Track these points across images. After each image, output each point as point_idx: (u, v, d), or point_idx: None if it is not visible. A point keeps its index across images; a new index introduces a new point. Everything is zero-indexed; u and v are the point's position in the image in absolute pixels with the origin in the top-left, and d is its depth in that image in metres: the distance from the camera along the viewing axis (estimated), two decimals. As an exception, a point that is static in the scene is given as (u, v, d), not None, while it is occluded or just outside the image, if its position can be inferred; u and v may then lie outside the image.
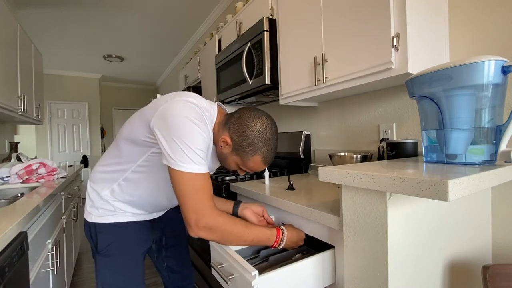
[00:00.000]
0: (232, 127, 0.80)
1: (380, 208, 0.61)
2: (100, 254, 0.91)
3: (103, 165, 0.92)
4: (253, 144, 0.78)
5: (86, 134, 5.40)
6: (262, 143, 0.79)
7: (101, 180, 0.91)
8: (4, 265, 0.73)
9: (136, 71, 5.35)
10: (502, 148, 0.64)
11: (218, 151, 0.86)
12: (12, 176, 1.65)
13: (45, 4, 2.80)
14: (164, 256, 1.13)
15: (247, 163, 0.82)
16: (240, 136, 0.79)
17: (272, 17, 1.50)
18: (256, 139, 0.78)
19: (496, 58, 0.61)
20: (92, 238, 0.92)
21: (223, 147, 0.82)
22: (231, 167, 0.87)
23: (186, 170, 0.71)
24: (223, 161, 0.88)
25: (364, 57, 0.98)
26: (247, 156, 0.80)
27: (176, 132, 0.70)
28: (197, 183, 0.72)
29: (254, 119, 0.79)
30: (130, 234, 0.94)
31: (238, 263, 0.71)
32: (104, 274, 0.91)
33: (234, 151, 0.81)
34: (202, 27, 3.41)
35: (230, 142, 0.80)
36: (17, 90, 2.07)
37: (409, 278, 0.65)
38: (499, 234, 0.91)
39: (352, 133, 1.44)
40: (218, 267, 0.82)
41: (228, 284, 0.75)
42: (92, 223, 0.90)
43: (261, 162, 0.82)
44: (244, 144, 0.79)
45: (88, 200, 0.92)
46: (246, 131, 0.78)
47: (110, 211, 0.90)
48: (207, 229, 0.72)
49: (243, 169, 0.86)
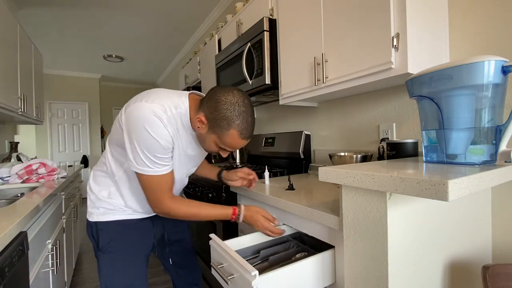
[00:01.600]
0: (205, 106, 0.81)
1: (380, 208, 0.61)
2: (101, 252, 0.92)
3: (99, 167, 0.96)
4: (226, 117, 0.78)
5: (86, 134, 5.39)
6: (236, 115, 0.78)
7: (98, 181, 0.95)
8: (4, 265, 0.72)
9: (136, 71, 5.35)
10: (502, 148, 0.64)
11: (197, 134, 0.88)
12: (12, 176, 1.65)
13: (45, 4, 2.80)
14: (168, 253, 1.15)
15: (225, 139, 0.81)
16: (212, 112, 0.79)
17: (272, 17, 1.50)
18: (229, 112, 0.78)
19: (496, 58, 0.60)
20: (94, 237, 0.94)
21: (200, 127, 0.83)
22: (212, 148, 0.88)
23: (142, 172, 0.82)
24: (203, 143, 0.89)
25: (364, 57, 0.98)
26: (223, 132, 0.80)
27: (135, 137, 0.78)
28: (152, 182, 0.84)
29: (225, 93, 0.79)
30: (131, 231, 0.95)
31: (238, 263, 0.71)
32: (106, 271, 0.92)
33: (210, 129, 0.82)
34: (202, 27, 3.41)
35: (205, 120, 0.81)
36: (17, 90, 2.07)
37: (409, 278, 0.65)
38: (499, 234, 0.91)
39: (352, 133, 1.44)
40: (218, 267, 0.82)
41: (228, 284, 0.75)
42: (93, 222, 0.93)
43: (238, 137, 0.81)
44: (217, 119, 0.78)
45: (89, 201, 0.95)
46: (218, 106, 0.78)
47: (110, 210, 0.93)
48: (164, 214, 0.89)
49: (223, 148, 0.86)
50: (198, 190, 1.63)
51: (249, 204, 1.20)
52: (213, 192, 1.44)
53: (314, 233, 0.85)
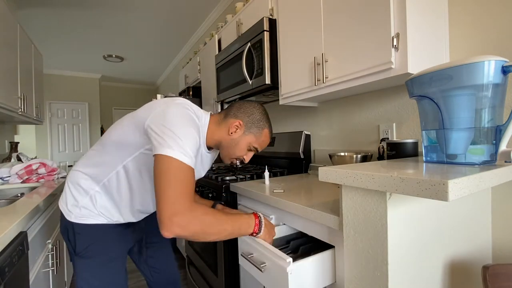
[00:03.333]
0: (239, 114, 0.93)
1: (380, 208, 0.61)
2: (78, 256, 0.87)
3: (82, 168, 0.89)
4: (262, 119, 0.95)
5: (86, 134, 5.40)
6: (266, 119, 0.96)
7: (85, 181, 0.87)
8: (4, 265, 0.73)
9: (136, 71, 5.35)
10: (502, 148, 0.64)
11: (225, 143, 0.93)
12: (12, 176, 1.65)
13: (45, 4, 2.80)
14: (146, 256, 1.10)
15: (260, 137, 0.95)
16: (249, 116, 0.93)
17: (272, 17, 1.50)
18: (262, 115, 0.95)
19: (496, 58, 0.60)
20: (70, 240, 0.87)
21: (235, 132, 0.92)
22: (240, 152, 0.94)
23: (175, 156, 0.68)
24: (232, 149, 0.93)
25: (364, 57, 0.98)
26: (259, 131, 0.94)
27: (172, 126, 0.73)
28: (183, 174, 0.69)
29: (251, 104, 0.96)
30: (110, 235, 0.90)
31: (271, 252, 0.76)
32: (84, 276, 0.87)
33: (247, 131, 0.93)
34: (202, 27, 3.41)
35: (242, 124, 0.92)
36: (17, 90, 2.07)
37: (409, 278, 0.65)
38: (499, 234, 0.91)
39: (352, 133, 1.44)
40: (249, 256, 0.85)
41: (262, 271, 0.79)
42: (70, 222, 0.86)
43: (269, 135, 0.98)
44: (255, 121, 0.93)
45: (70, 198, 0.87)
46: (254, 111, 0.94)
47: (93, 213, 0.87)
48: (181, 221, 0.65)
49: (254, 148, 0.96)
50: (197, 190, 1.63)
51: (250, 204, 1.21)
52: (213, 192, 1.44)
53: (314, 233, 0.85)
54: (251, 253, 0.86)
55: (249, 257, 0.85)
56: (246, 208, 1.22)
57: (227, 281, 1.31)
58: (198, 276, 1.71)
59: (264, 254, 0.80)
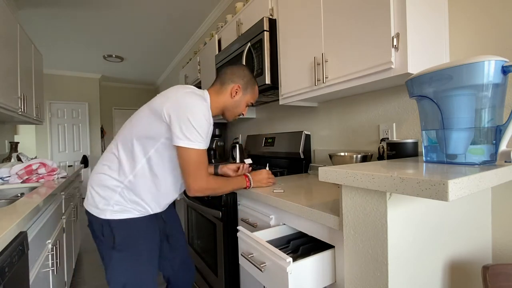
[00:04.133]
0: (234, 79, 1.08)
1: (380, 208, 0.61)
2: (116, 250, 0.93)
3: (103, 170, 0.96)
4: (251, 78, 1.13)
5: (86, 134, 5.40)
6: (253, 76, 1.15)
7: (107, 184, 0.94)
8: (4, 265, 0.73)
9: (136, 71, 5.35)
10: (502, 148, 0.64)
11: (229, 106, 1.10)
12: (12, 176, 1.65)
13: (45, 4, 2.80)
14: (166, 247, 1.16)
15: (254, 93, 1.15)
16: (243, 78, 1.09)
17: (272, 17, 1.50)
18: (250, 75, 1.13)
19: (496, 58, 0.60)
20: (106, 235, 0.93)
21: (236, 95, 1.09)
22: (240, 109, 1.14)
23: (194, 146, 0.91)
24: (234, 109, 1.12)
25: (364, 57, 0.98)
26: (253, 89, 1.13)
27: (190, 117, 0.89)
28: (200, 157, 0.94)
29: (240, 67, 1.11)
30: (143, 228, 0.98)
31: (271, 251, 0.76)
32: (122, 269, 0.93)
33: (244, 91, 1.10)
34: (202, 27, 3.41)
35: (240, 87, 1.09)
36: (17, 90, 2.07)
37: (409, 278, 0.65)
38: (499, 234, 0.91)
39: (352, 133, 1.44)
40: (249, 256, 0.85)
41: (262, 271, 0.79)
42: (106, 219, 0.92)
43: (257, 88, 1.17)
44: (249, 82, 1.11)
45: (99, 199, 0.94)
46: (245, 73, 1.11)
47: (126, 208, 0.94)
48: (202, 190, 0.97)
49: (251, 103, 1.16)
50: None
51: (249, 204, 1.21)
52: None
53: (314, 233, 0.85)
54: (251, 253, 0.86)
55: (249, 257, 0.85)
56: (247, 208, 1.22)
57: (227, 281, 1.31)
58: (198, 276, 1.71)
59: (264, 254, 0.80)
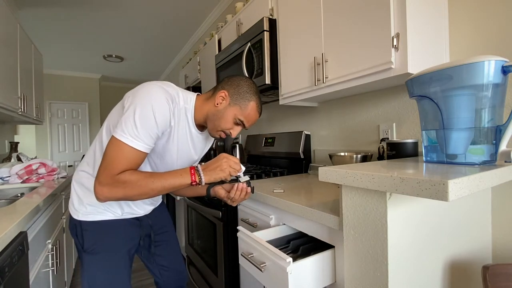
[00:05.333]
0: (225, 85, 0.91)
1: (380, 208, 0.61)
2: (86, 253, 0.89)
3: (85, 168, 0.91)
4: (248, 91, 0.90)
5: (86, 134, 5.39)
6: (254, 92, 0.92)
7: (85, 183, 0.90)
8: (4, 265, 0.73)
9: (136, 71, 5.35)
10: (502, 148, 0.64)
11: (210, 115, 0.90)
12: (12, 176, 1.65)
13: (45, 4, 2.80)
14: (154, 254, 1.11)
15: (246, 110, 0.90)
16: (235, 87, 0.90)
17: (272, 17, 1.50)
18: (249, 88, 0.91)
19: (496, 58, 0.61)
20: (78, 237, 0.90)
21: (220, 103, 0.89)
22: (226, 124, 0.90)
23: (123, 141, 0.74)
24: (218, 120, 0.89)
25: (364, 57, 0.98)
26: (245, 102, 0.90)
27: (138, 107, 0.75)
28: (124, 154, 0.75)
29: (240, 76, 0.93)
30: (117, 232, 0.93)
31: (271, 251, 0.76)
32: (90, 272, 0.89)
33: (232, 102, 0.89)
34: (202, 27, 3.41)
35: (228, 94, 0.89)
36: (17, 90, 2.07)
37: (409, 278, 0.65)
38: (499, 234, 0.91)
39: (352, 133, 1.44)
40: (249, 256, 0.85)
41: (262, 271, 0.79)
42: (78, 220, 0.89)
43: (256, 109, 0.92)
44: (241, 92, 0.90)
45: (75, 197, 0.90)
46: (240, 83, 0.91)
47: (99, 210, 0.89)
48: (103, 194, 0.73)
49: (239, 121, 0.90)
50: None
51: (249, 204, 1.21)
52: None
53: (314, 233, 0.85)
54: (251, 253, 0.86)
55: (249, 257, 0.85)
56: (247, 208, 1.22)
57: (227, 281, 1.31)
58: (198, 276, 1.71)
59: (264, 254, 0.80)
